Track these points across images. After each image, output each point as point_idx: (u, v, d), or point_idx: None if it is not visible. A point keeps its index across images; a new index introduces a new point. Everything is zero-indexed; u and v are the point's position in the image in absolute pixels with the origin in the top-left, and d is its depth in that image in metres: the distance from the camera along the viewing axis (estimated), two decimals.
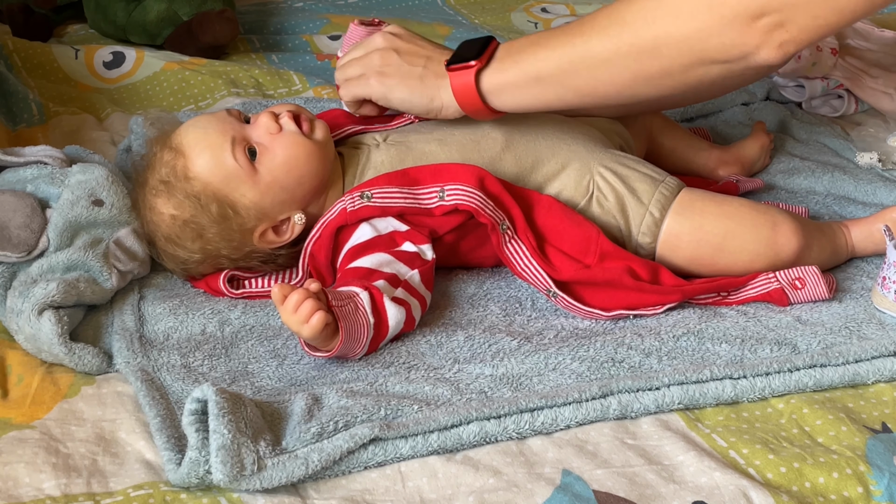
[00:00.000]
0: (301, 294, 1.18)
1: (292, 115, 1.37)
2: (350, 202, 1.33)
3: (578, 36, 1.27)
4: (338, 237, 1.34)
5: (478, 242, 1.38)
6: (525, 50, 1.31)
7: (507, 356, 1.23)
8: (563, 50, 1.28)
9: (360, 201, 1.33)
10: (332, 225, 1.34)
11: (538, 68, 1.29)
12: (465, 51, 1.34)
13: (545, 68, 1.29)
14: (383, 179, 1.34)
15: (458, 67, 1.32)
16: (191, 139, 1.35)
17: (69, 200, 1.36)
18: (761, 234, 1.36)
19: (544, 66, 1.29)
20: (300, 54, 2.12)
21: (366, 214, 1.33)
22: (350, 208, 1.33)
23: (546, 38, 1.31)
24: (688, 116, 1.86)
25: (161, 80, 1.95)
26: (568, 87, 1.30)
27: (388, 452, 1.08)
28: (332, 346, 1.21)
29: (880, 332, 1.27)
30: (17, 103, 1.82)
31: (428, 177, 1.34)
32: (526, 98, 1.32)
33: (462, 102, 1.34)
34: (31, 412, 1.16)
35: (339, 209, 1.34)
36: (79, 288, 1.28)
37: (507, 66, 1.31)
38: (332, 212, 1.34)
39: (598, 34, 1.25)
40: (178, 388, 1.19)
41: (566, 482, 1.06)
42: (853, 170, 1.67)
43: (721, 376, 1.19)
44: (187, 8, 2.09)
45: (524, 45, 1.32)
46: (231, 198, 1.34)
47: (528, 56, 1.30)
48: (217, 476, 1.02)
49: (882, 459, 1.09)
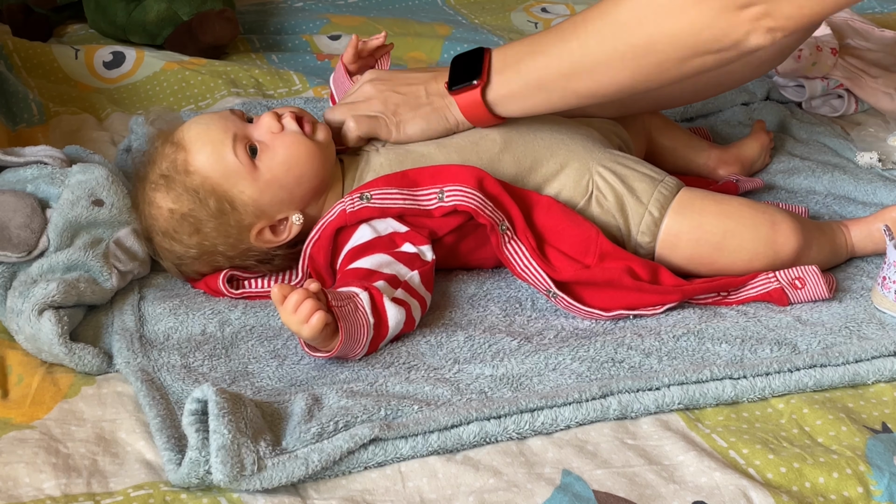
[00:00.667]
0: (301, 294, 1.18)
1: (295, 116, 1.37)
2: (349, 203, 1.33)
3: (574, 40, 1.29)
4: (337, 239, 1.34)
5: (477, 244, 1.38)
6: (524, 59, 1.33)
7: (507, 356, 1.23)
8: (561, 56, 1.30)
9: (359, 202, 1.33)
10: (331, 226, 1.34)
11: (539, 77, 1.32)
12: (461, 69, 1.37)
13: (546, 76, 1.32)
14: (383, 181, 1.34)
15: (461, 90, 1.36)
16: (193, 134, 1.35)
17: (69, 200, 1.36)
18: (760, 233, 1.36)
19: (545, 74, 1.32)
20: (300, 54, 2.12)
21: (365, 216, 1.33)
22: (350, 209, 1.33)
23: (542, 43, 1.32)
24: (688, 116, 1.86)
25: (161, 80, 1.95)
26: (570, 91, 1.32)
27: (388, 452, 1.08)
28: (331, 347, 1.21)
29: (880, 332, 1.27)
30: (17, 103, 1.82)
31: (427, 178, 1.34)
32: (531, 105, 1.36)
33: (471, 118, 1.39)
34: (32, 412, 1.16)
35: (338, 210, 1.34)
36: (79, 288, 1.28)
37: (510, 78, 1.34)
38: (331, 213, 1.34)
39: (594, 37, 1.27)
40: (178, 388, 1.19)
41: (566, 482, 1.06)
42: (853, 169, 1.67)
43: (721, 376, 1.19)
44: (187, 8, 2.09)
45: (521, 54, 1.34)
46: (230, 193, 1.34)
47: (528, 65, 1.32)
48: (217, 476, 1.02)
49: (882, 459, 1.09)
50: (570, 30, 1.30)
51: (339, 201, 1.35)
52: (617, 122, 1.54)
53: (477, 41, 2.15)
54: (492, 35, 2.20)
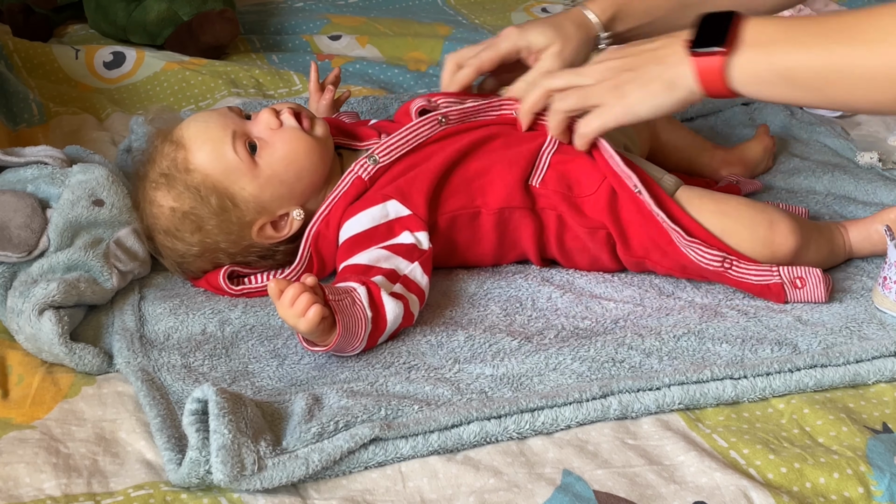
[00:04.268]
0: (297, 288, 1.18)
1: (293, 112, 1.37)
2: (363, 170, 1.37)
3: (840, 42, 1.18)
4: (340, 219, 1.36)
5: (474, 238, 1.39)
6: (777, 43, 1.21)
7: (507, 356, 1.23)
8: (821, 55, 1.19)
9: (372, 167, 1.37)
10: (347, 197, 1.36)
11: (792, 69, 1.21)
12: (708, 30, 1.25)
13: (800, 73, 1.20)
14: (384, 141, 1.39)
15: (704, 53, 1.24)
16: (192, 132, 1.36)
17: (69, 200, 1.36)
18: (758, 233, 1.36)
19: (799, 70, 1.20)
20: (300, 54, 2.12)
21: (379, 179, 1.37)
22: (365, 175, 1.37)
23: (803, 34, 1.21)
24: (688, 116, 1.86)
25: (161, 81, 1.95)
26: (822, 96, 1.22)
27: (389, 452, 1.08)
28: (329, 341, 1.21)
29: (881, 332, 1.27)
30: (17, 103, 1.82)
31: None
32: (772, 94, 1.26)
33: (706, 87, 1.26)
34: (32, 412, 1.16)
35: (351, 179, 1.36)
36: (79, 288, 1.28)
37: (758, 59, 1.22)
38: (343, 184, 1.37)
39: (864, 46, 1.16)
40: (178, 388, 1.19)
41: (567, 482, 1.06)
42: (853, 169, 1.67)
43: (722, 376, 1.19)
44: (187, 8, 2.10)
45: (776, 36, 1.22)
46: (231, 190, 1.34)
47: (781, 52, 1.21)
48: (217, 476, 1.02)
49: (883, 460, 1.09)
50: (838, 30, 1.19)
51: (347, 172, 1.37)
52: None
53: (477, 41, 2.14)
54: (492, 35, 2.20)
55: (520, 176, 1.37)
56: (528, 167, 1.38)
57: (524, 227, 1.38)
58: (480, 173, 1.38)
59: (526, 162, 1.38)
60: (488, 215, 1.37)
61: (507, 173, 1.37)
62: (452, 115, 1.41)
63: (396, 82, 2.02)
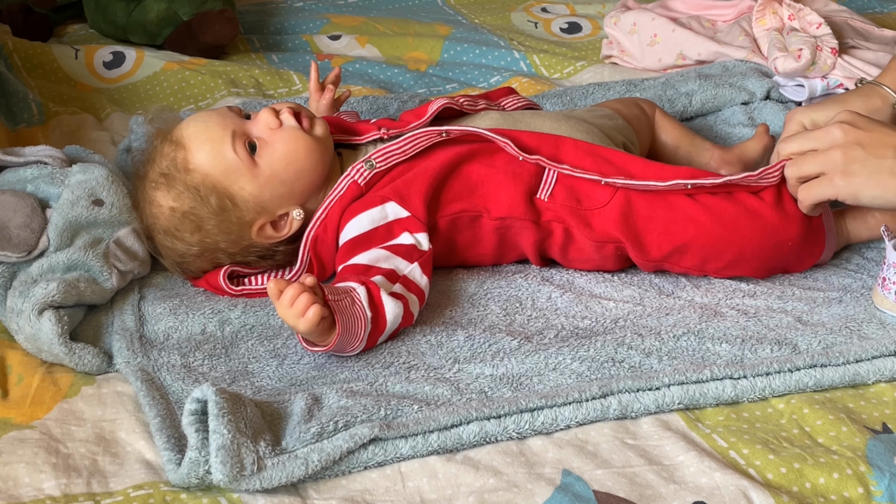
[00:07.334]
0: (297, 288, 1.18)
1: (292, 112, 1.37)
2: (359, 175, 1.37)
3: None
4: (339, 221, 1.36)
5: (474, 239, 1.39)
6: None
7: (507, 356, 1.23)
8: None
9: (368, 172, 1.37)
10: (342, 201, 1.36)
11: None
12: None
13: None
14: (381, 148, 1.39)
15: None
16: (192, 132, 1.36)
17: (69, 200, 1.36)
18: None
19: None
20: (300, 54, 2.12)
21: (376, 184, 1.36)
22: (362, 180, 1.36)
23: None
24: (687, 116, 1.86)
25: (161, 80, 1.95)
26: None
27: (388, 452, 1.08)
28: (329, 341, 1.21)
29: (881, 332, 1.27)
30: (17, 103, 1.82)
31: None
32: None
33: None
34: (32, 412, 1.16)
35: (347, 184, 1.36)
36: (79, 288, 1.28)
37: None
38: (338, 188, 1.37)
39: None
40: (178, 388, 1.19)
41: (566, 482, 1.06)
42: None
43: (721, 376, 1.19)
44: (187, 8, 2.09)
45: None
46: (230, 190, 1.34)
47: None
48: (217, 476, 1.02)
49: (882, 460, 1.09)
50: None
51: (343, 176, 1.37)
52: (623, 119, 1.55)
53: (477, 41, 2.15)
54: (492, 35, 2.20)
55: (524, 190, 1.37)
56: (533, 181, 1.38)
57: (525, 237, 1.38)
58: (483, 180, 1.38)
59: (530, 176, 1.38)
60: (490, 220, 1.37)
61: (511, 185, 1.37)
62: (455, 132, 1.41)
63: (396, 82, 2.02)
